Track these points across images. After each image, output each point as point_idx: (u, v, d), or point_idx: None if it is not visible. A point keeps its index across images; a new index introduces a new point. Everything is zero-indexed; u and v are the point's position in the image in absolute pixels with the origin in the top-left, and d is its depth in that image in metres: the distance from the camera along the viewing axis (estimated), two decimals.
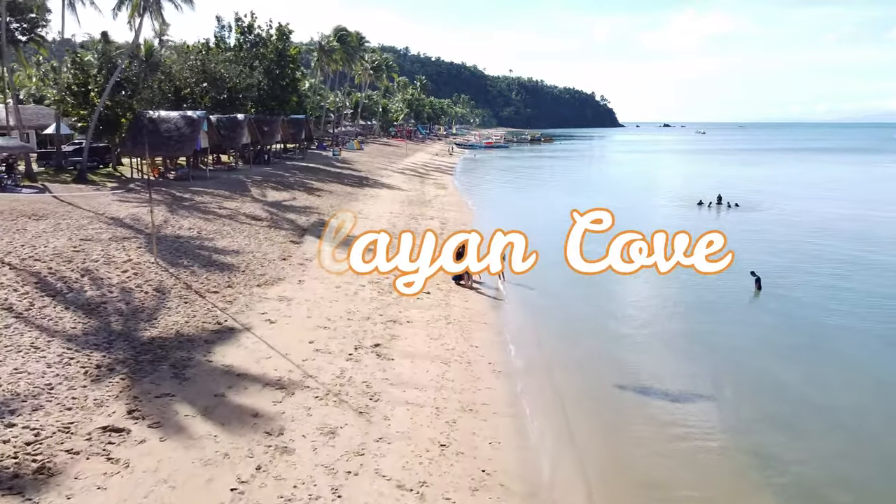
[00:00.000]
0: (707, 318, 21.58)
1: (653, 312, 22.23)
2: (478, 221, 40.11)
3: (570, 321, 21.12)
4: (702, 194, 53.10)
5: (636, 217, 41.39)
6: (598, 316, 21.58)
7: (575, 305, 22.82)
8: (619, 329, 20.35)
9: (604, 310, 22.31)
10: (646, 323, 20.94)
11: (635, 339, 19.52)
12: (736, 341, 19.32)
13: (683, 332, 20.07)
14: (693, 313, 22.04)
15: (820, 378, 16.85)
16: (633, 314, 21.83)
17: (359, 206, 41.23)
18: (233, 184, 43.22)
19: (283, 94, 63.07)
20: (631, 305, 22.93)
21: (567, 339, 19.40)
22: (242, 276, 21.61)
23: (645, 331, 20.24)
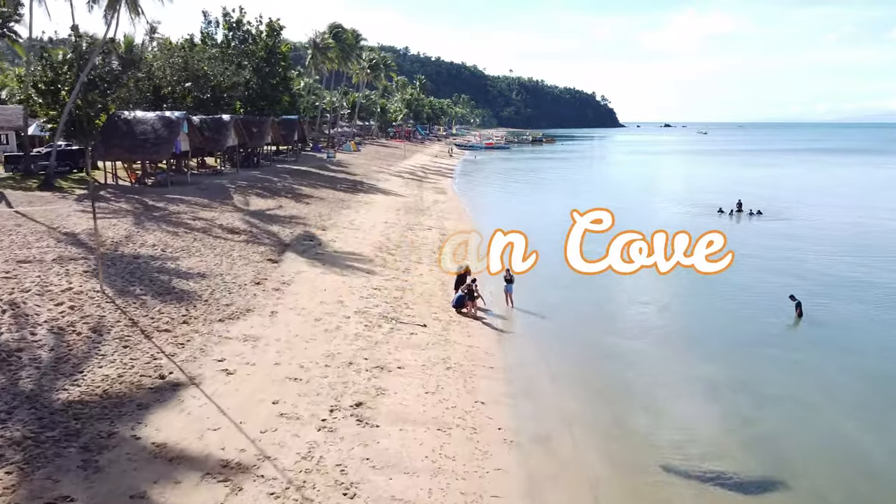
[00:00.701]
0: (749, 355, 18.27)
1: (684, 347, 18.91)
2: (479, 231, 36.75)
3: (588, 361, 17.79)
4: (718, 199, 49.84)
5: (656, 226, 38.01)
6: (620, 353, 18.25)
7: (591, 336, 19.48)
8: (650, 373, 17.01)
9: (626, 343, 18.98)
10: (681, 365, 17.60)
11: (672, 389, 16.16)
12: (787, 388, 16.03)
13: (727, 379, 16.70)
14: (731, 349, 18.73)
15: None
16: (662, 353, 18.49)
17: (350, 215, 37.86)
18: (214, 190, 39.88)
19: (273, 94, 59.77)
20: (658, 338, 19.61)
21: (589, 386, 16.06)
22: (204, 307, 18.26)
23: (682, 377, 16.88)
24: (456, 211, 45.03)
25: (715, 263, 13.13)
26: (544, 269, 29.28)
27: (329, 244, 28.80)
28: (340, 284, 22.31)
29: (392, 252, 28.71)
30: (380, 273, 24.64)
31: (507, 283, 22.12)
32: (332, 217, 35.98)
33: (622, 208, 45.57)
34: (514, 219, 42.57)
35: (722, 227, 40.30)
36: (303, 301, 19.97)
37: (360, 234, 32.16)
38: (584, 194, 57.71)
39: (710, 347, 18.94)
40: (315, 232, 31.14)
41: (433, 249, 30.24)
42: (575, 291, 24.36)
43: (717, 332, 20.46)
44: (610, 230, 13.56)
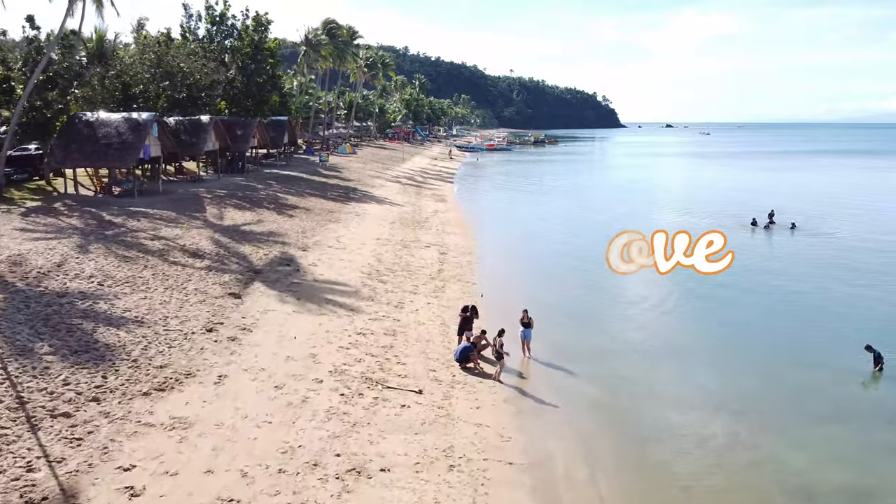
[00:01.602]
0: (829, 426, 14.03)
1: (753, 419, 14.54)
2: (482, 248, 32.47)
3: (634, 437, 13.44)
4: (746, 209, 45.46)
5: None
6: (674, 429, 13.88)
7: (644, 405, 15.10)
8: (720, 462, 12.65)
9: (683, 418, 14.60)
10: (760, 456, 13.22)
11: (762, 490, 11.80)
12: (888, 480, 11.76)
13: (823, 483, 12.36)
14: (811, 423, 14.41)
15: None
16: (726, 430, 14.10)
17: (338, 230, 33.44)
18: (187, 201, 35.51)
19: (260, 93, 55.27)
20: (718, 404, 15.23)
21: (644, 479, 11.71)
22: (129, 371, 13.87)
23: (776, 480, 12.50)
24: (458, 222, 40.65)
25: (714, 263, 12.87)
26: (562, 295, 25.00)
27: (309, 270, 24.39)
28: (316, 329, 17.93)
29: (383, 278, 24.31)
30: (366, 310, 20.25)
31: (525, 328, 17.79)
32: (316, 233, 31.55)
33: (645, 221, 41.31)
34: (524, 233, 38.18)
35: (757, 242, 35.94)
36: (264, 356, 15.57)
37: (347, 254, 27.75)
38: (598, 204, 53.33)
39: (784, 413, 14.57)
40: (294, 253, 26.73)
41: (432, 274, 25.85)
42: (605, 327, 19.98)
43: (784, 387, 16.14)
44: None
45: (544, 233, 38.57)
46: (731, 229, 38.52)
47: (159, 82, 41.66)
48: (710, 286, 25.74)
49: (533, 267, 29.50)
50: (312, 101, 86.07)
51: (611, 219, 43.98)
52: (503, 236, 37.16)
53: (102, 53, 44.58)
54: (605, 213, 46.54)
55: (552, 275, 27.81)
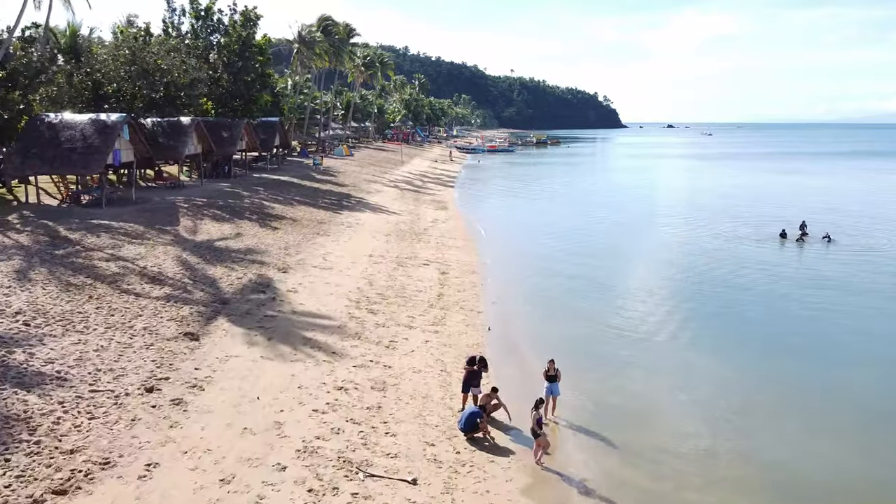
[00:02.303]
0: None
1: None
2: (487, 265, 29.04)
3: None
4: (770, 219, 42.06)
5: (716, 261, 30.02)
6: None
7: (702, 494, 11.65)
8: None
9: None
10: None
11: None
12: None
13: None
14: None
15: None
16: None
17: (326, 245, 29.99)
18: (160, 211, 32.10)
19: (248, 92, 51.89)
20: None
21: None
22: (25, 461, 10.36)
23: None
24: (460, 233, 37.20)
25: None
26: (582, 328, 21.48)
27: (287, 298, 20.93)
28: (286, 383, 14.48)
29: (374, 307, 20.86)
30: (351, 352, 16.80)
31: (550, 382, 14.37)
32: (301, 250, 28.08)
33: (664, 232, 38.04)
34: (531, 246, 34.60)
35: (792, 259, 32.43)
36: (213, 429, 12.11)
37: (334, 276, 24.29)
38: (608, 212, 49.88)
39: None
40: (272, 276, 23.27)
41: (430, 300, 22.39)
42: (638, 372, 16.49)
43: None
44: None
45: (553, 245, 35.10)
46: (759, 243, 35.08)
47: (135, 81, 38.23)
48: (745, 311, 22.39)
49: (544, 290, 26.02)
50: (308, 102, 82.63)
51: (625, 230, 40.63)
52: (509, 250, 33.70)
53: (75, 49, 41.21)
54: (617, 224, 43.12)
55: (567, 301, 24.36)
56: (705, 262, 30.62)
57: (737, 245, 34.56)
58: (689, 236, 37.28)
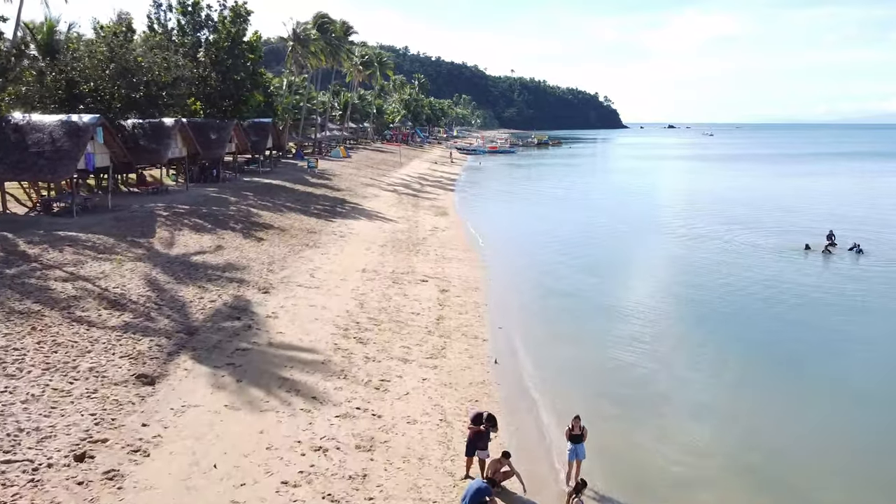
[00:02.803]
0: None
1: None
2: (491, 281, 26.56)
3: None
4: (792, 227, 39.60)
5: (737, 277, 27.22)
6: None
7: None
8: None
9: None
10: None
11: None
12: None
13: None
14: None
15: None
16: None
17: (315, 258, 27.44)
18: (137, 220, 29.59)
19: (239, 92, 49.37)
20: None
21: None
22: None
23: None
24: (460, 243, 34.70)
25: None
26: (602, 365, 18.73)
27: (265, 325, 18.41)
28: (253, 442, 11.96)
29: (364, 336, 18.33)
30: (334, 396, 14.28)
31: (574, 443, 11.87)
32: (286, 265, 25.55)
33: (675, 244, 35.03)
34: (538, 256, 32.01)
35: (822, 276, 29.83)
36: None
37: (322, 297, 21.76)
38: (614, 219, 47.40)
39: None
40: (251, 298, 20.75)
41: (429, 326, 19.88)
42: (673, 423, 13.97)
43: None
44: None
45: (559, 256, 32.61)
46: (782, 256, 32.50)
47: (113, 80, 35.66)
48: (781, 341, 19.90)
49: (553, 311, 23.54)
50: (303, 102, 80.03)
51: (633, 240, 38.10)
52: (513, 262, 31.18)
53: (51, 46, 38.65)
54: (624, 233, 40.63)
55: (578, 325, 21.85)
56: (725, 279, 28.05)
57: (757, 258, 31.99)
58: (703, 248, 34.69)
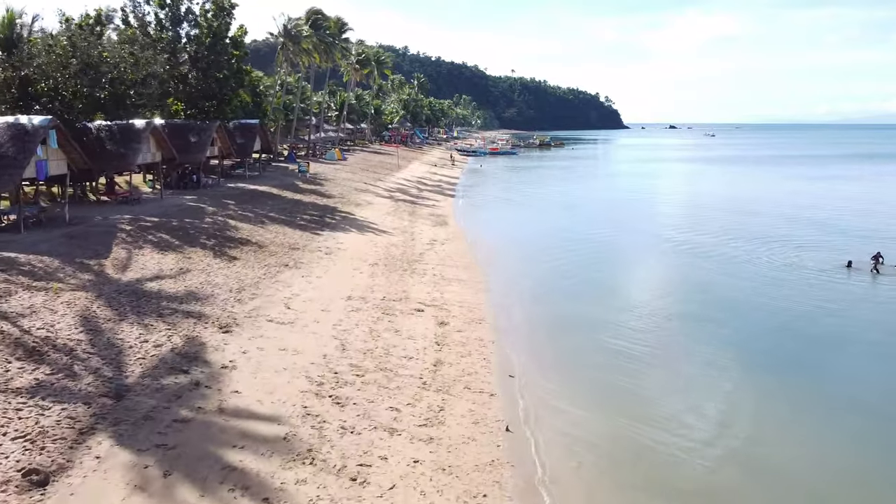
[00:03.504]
0: None
1: None
2: (497, 309, 22.94)
3: None
4: (826, 242, 35.96)
5: (784, 301, 23.08)
6: None
7: None
8: None
9: None
10: None
11: None
12: None
13: None
14: None
15: None
16: None
17: (294, 282, 23.75)
18: (95, 236, 25.99)
19: (222, 92, 45.78)
20: None
21: None
22: None
23: None
24: (461, 259, 31.04)
25: None
26: (630, 420, 14.17)
27: (218, 380, 14.72)
28: None
29: (341, 395, 14.63)
30: (295, 496, 10.61)
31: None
32: (258, 292, 21.87)
33: (702, 261, 30.23)
34: (550, 278, 28.08)
35: (877, 301, 26.14)
36: None
37: (295, 337, 18.10)
38: (626, 231, 43.79)
39: None
40: (208, 339, 17.08)
41: (423, 375, 16.21)
42: None
43: None
44: None
45: (573, 275, 28.99)
46: (819, 274, 28.78)
47: (76, 77, 32.06)
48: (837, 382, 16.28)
49: (575, 354, 19.87)
50: (296, 102, 76.42)
51: (652, 255, 34.41)
52: (522, 284, 27.45)
53: (11, 41, 35.06)
54: (641, 247, 36.99)
55: (610, 376, 18.15)
56: (769, 309, 24.39)
57: (796, 282, 28.29)
58: (734, 271, 30.75)
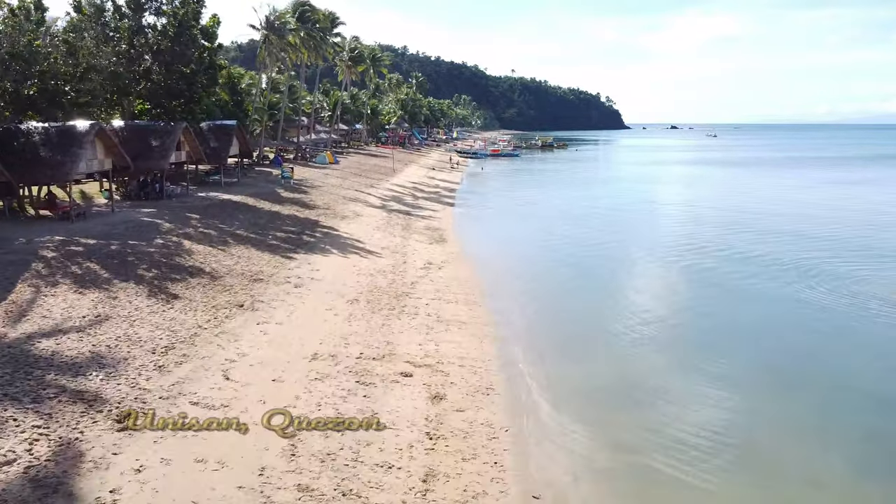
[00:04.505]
0: None
1: None
2: (511, 369, 17.55)
3: None
4: (876, 256, 30.65)
5: (854, 353, 18.23)
6: None
7: None
8: None
9: None
10: None
11: None
12: None
13: None
14: None
15: None
16: None
17: (245, 334, 18.23)
18: (1, 266, 20.67)
19: (190, 89, 40.41)
20: None
21: None
22: None
23: None
24: (462, 289, 25.54)
25: None
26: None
27: None
28: None
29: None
30: None
31: None
32: (190, 354, 16.38)
33: (753, 291, 23.89)
34: (586, 319, 22.16)
35: None
36: None
37: (219, 440, 12.65)
38: (664, 248, 38.41)
39: None
40: (92, 445, 11.66)
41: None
42: None
43: None
44: None
45: (602, 314, 23.61)
46: (888, 306, 23.37)
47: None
48: None
49: (620, 448, 14.49)
50: (283, 102, 71.00)
51: (699, 289, 28.74)
52: (542, 326, 22.05)
53: None
54: (685, 275, 31.54)
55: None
56: (834, 356, 19.09)
57: (858, 317, 22.97)
58: (787, 306, 25.50)
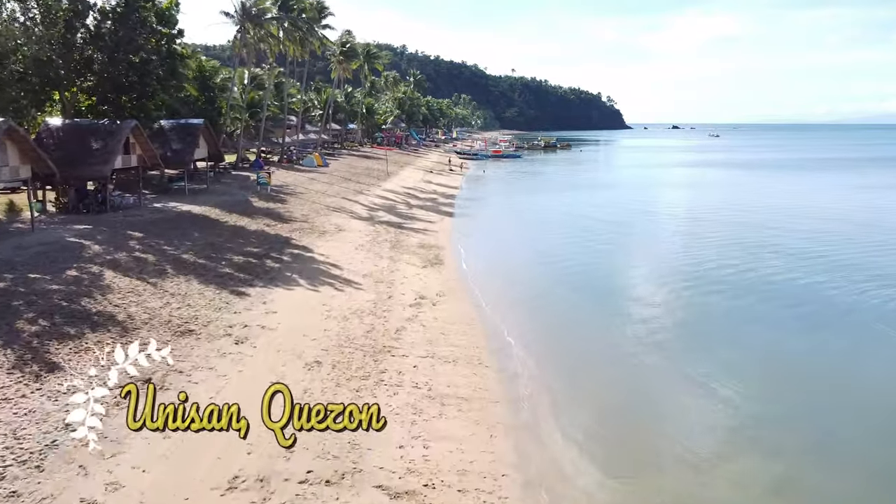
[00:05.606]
0: None
1: None
2: (535, 489, 11.43)
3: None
4: None
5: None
6: None
7: None
8: None
9: None
10: None
11: None
12: None
13: None
14: None
15: None
16: None
17: (133, 443, 12.18)
18: None
19: (142, 82, 34.32)
20: None
21: None
22: None
23: None
24: (462, 337, 19.38)
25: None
26: None
27: None
28: None
29: None
30: None
31: None
32: (28, 492, 10.39)
33: (798, 318, 18.09)
34: (634, 389, 16.06)
35: None
36: None
37: None
38: (709, 274, 32.32)
39: None
40: None
41: None
42: None
43: None
44: None
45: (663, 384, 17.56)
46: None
47: None
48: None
49: None
50: (268, 99, 64.94)
51: (757, 341, 22.63)
52: (578, 408, 15.98)
53: None
54: (732, 314, 25.38)
55: None
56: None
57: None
58: (841, 340, 19.65)
